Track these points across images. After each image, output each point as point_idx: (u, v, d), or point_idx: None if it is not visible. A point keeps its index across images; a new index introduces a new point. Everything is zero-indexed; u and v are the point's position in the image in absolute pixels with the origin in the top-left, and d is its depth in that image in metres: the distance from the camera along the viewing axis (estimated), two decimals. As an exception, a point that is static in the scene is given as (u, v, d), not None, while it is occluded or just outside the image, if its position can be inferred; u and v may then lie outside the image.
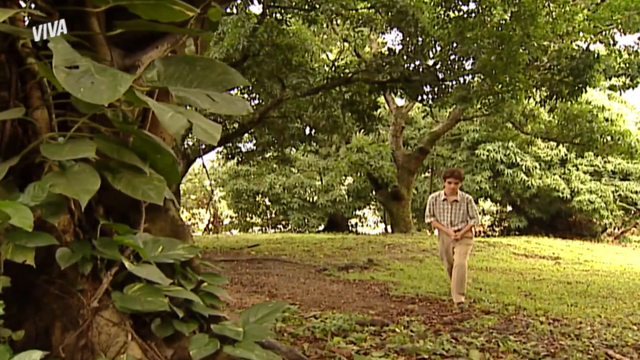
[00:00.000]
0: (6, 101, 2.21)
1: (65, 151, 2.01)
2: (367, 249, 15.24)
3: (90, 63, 1.95)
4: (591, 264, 13.28)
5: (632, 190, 21.34)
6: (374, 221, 35.53)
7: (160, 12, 2.30)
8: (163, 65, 2.48)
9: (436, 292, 7.86)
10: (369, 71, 12.82)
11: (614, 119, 19.09)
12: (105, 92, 1.86)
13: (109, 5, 2.29)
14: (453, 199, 7.09)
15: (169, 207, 2.71)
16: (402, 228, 20.65)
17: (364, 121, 13.86)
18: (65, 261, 2.11)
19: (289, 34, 12.53)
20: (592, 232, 21.79)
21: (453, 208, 7.09)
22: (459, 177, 7.10)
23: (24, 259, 1.97)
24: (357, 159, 20.37)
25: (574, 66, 11.06)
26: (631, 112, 28.23)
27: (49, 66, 2.15)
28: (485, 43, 8.86)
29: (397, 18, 11.54)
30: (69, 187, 1.99)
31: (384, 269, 10.93)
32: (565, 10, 10.95)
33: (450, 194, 7.10)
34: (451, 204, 7.10)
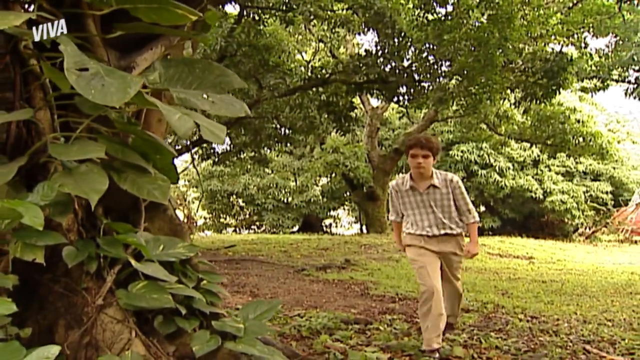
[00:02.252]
0: (11, 102, 2.25)
1: (73, 151, 2.07)
2: (344, 249, 15.37)
3: (99, 66, 2.02)
4: (564, 263, 13.61)
5: (603, 191, 21.91)
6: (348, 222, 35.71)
7: (162, 16, 2.36)
8: (163, 68, 2.55)
9: (415, 291, 8.01)
10: (346, 72, 12.95)
11: (584, 120, 19.56)
12: (115, 94, 1.92)
13: (111, 8, 2.35)
14: (427, 185, 4.27)
15: (166, 206, 2.77)
16: (378, 228, 20.85)
17: (340, 122, 13.98)
18: (72, 259, 2.17)
19: (266, 34, 12.59)
20: (564, 232, 22.27)
21: (428, 200, 4.31)
22: (428, 147, 4.18)
23: (34, 257, 2.02)
24: (332, 160, 20.50)
25: (548, 68, 11.34)
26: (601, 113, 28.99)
27: (54, 67, 2.22)
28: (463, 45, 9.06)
29: (375, 19, 11.68)
30: (78, 186, 2.04)
31: (361, 269, 11.06)
32: (539, 14, 11.24)
33: (419, 177, 4.28)
34: (424, 193, 4.30)
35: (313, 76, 13.12)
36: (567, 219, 21.95)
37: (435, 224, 4.36)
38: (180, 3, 2.40)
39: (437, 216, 4.34)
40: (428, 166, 4.23)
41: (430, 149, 4.19)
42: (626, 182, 22.80)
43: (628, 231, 19.45)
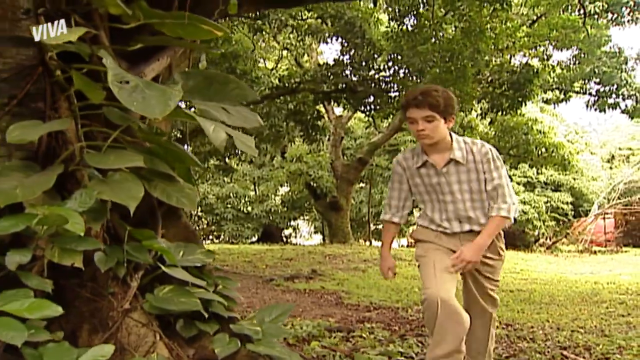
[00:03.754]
0: (42, 112, 2.38)
1: (110, 160, 2.22)
2: (308, 260, 15.56)
3: (138, 79, 2.18)
4: (528, 273, 14.11)
5: (563, 201, 22.75)
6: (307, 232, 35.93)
7: (188, 31, 2.54)
8: (183, 80, 2.72)
9: (387, 300, 8.28)
10: (314, 81, 13.22)
11: (546, 131, 20.33)
12: (156, 106, 2.09)
13: (139, 22, 2.51)
14: (445, 160, 3.11)
15: (181, 213, 2.93)
16: (341, 238, 21.12)
17: (308, 131, 14.23)
18: (104, 265, 2.31)
19: (232, 41, 12.75)
20: (525, 242, 22.98)
21: (447, 183, 3.14)
22: (430, 105, 2.98)
23: (72, 262, 2.16)
24: (295, 169, 20.73)
25: (514, 80, 11.85)
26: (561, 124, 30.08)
27: (84, 78, 2.37)
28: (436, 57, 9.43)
29: (344, 29, 12.01)
30: (115, 194, 2.19)
31: (329, 279, 11.28)
32: (507, 26, 11.74)
33: (432, 149, 3.13)
34: (442, 172, 3.13)
35: (281, 85, 13.34)
36: (528, 229, 22.68)
37: (456, 216, 3.13)
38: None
39: (458, 206, 3.11)
40: (435, 133, 2.98)
41: (433, 106, 2.92)
42: (586, 192, 23.75)
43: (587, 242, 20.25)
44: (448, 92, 3.08)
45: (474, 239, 3.11)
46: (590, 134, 33.60)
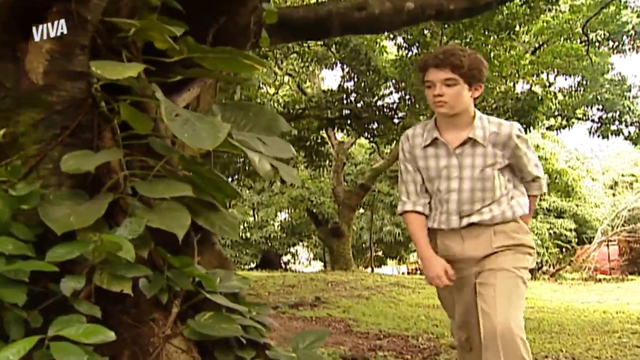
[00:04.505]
0: (90, 142, 2.50)
1: (159, 190, 2.33)
2: (311, 287, 15.58)
3: (188, 112, 2.30)
4: (534, 301, 14.15)
5: (567, 228, 22.88)
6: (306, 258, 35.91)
7: (230, 65, 2.67)
8: (221, 111, 2.84)
9: (397, 328, 8.33)
10: (319, 107, 13.41)
11: (547, 157, 20.54)
12: (207, 138, 2.21)
13: (182, 56, 2.64)
14: (462, 139, 2.63)
15: (214, 240, 3.03)
16: (343, 265, 21.14)
17: (312, 157, 14.38)
18: (149, 291, 2.40)
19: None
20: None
21: (459, 167, 2.66)
22: (452, 66, 2.52)
23: (122, 289, 2.25)
24: (297, 195, 20.84)
25: (519, 107, 12.05)
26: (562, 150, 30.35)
27: (132, 109, 2.49)
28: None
29: (350, 56, 12.25)
30: (163, 222, 2.30)
31: (333, 306, 11.31)
32: (511, 54, 11.98)
33: (447, 124, 2.65)
34: (455, 153, 2.66)
35: (285, 111, 13.52)
36: (532, 257, 22.72)
37: (458, 209, 2.63)
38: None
39: (463, 196, 2.61)
40: (456, 101, 2.50)
41: (456, 67, 2.46)
42: (589, 219, 23.89)
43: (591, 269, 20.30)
44: (477, 54, 2.61)
45: (478, 234, 2.65)
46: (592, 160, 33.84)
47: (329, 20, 4.16)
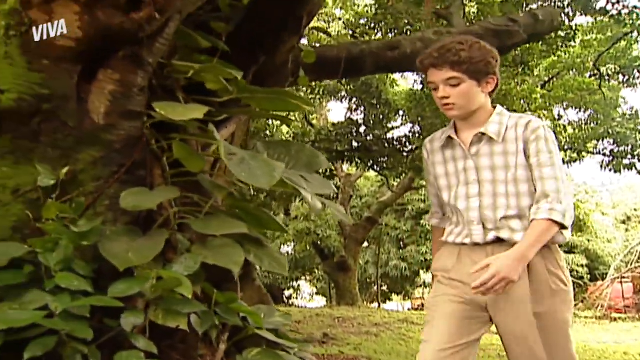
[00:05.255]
0: (143, 179, 2.62)
1: (214, 227, 2.44)
2: (317, 323, 15.50)
3: (242, 152, 2.43)
4: (548, 339, 14.05)
5: (578, 264, 22.83)
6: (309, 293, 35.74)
7: (277, 105, 2.81)
8: (265, 149, 2.97)
9: (410, 366, 8.35)
10: (329, 140, 13.57)
11: (557, 192, 20.59)
12: (262, 177, 2.33)
13: (231, 96, 2.78)
14: (478, 136, 2.26)
15: (255, 276, 3.13)
16: (349, 300, 21.06)
17: (321, 189, 14.48)
18: (201, 327, 2.49)
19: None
20: (539, 307, 22.91)
21: (475, 168, 2.27)
22: (453, 64, 2.18)
23: (177, 324, 2.35)
24: (303, 228, 20.87)
25: (531, 142, 12.17)
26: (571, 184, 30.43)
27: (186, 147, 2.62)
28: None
29: (361, 89, 12.46)
30: (218, 259, 2.41)
31: (342, 343, 11.27)
32: (522, 89, 12.18)
33: (465, 123, 2.30)
34: (471, 154, 2.28)
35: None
36: (543, 293, 22.63)
37: (480, 218, 2.24)
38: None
39: (485, 203, 2.24)
40: (463, 100, 2.22)
41: (455, 63, 2.19)
42: (601, 255, 23.84)
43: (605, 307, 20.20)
44: (481, 43, 2.25)
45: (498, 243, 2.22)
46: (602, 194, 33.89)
47: (362, 59, 4.31)
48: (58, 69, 2.31)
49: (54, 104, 2.35)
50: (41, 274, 2.26)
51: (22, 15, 2.20)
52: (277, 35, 3.37)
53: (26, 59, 2.26)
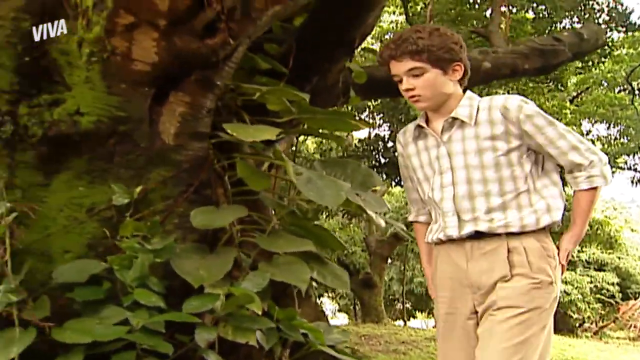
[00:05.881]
0: (209, 198, 2.72)
1: (280, 244, 2.53)
2: (344, 341, 15.51)
3: (309, 171, 2.53)
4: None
5: (609, 282, 22.51)
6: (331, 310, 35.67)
7: (337, 126, 2.91)
8: (322, 167, 3.06)
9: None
10: (356, 156, 13.67)
11: (585, 208, 20.40)
12: (330, 196, 2.42)
13: (292, 117, 2.88)
14: (449, 122, 2.15)
15: (310, 293, 3.21)
16: (374, 318, 20.98)
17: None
18: (267, 343, 2.57)
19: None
20: (568, 327, 22.63)
21: (448, 156, 2.15)
22: (412, 53, 2.07)
23: (247, 340, 2.43)
24: (328, 244, 20.91)
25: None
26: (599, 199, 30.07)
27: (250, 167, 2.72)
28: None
29: (389, 105, 12.58)
30: (285, 276, 2.49)
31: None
32: (553, 104, 12.19)
33: (436, 114, 2.20)
34: (442, 141, 2.16)
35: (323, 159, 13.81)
36: (572, 312, 22.38)
37: (455, 208, 2.10)
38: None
39: (459, 191, 2.10)
40: (429, 90, 2.10)
41: (415, 53, 2.07)
42: (633, 273, 23.48)
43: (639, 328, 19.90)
44: (442, 29, 2.15)
45: (487, 250, 2.05)
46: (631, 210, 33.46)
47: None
48: (134, 93, 2.43)
49: (128, 125, 2.46)
50: (116, 290, 2.37)
51: (104, 42, 2.32)
52: (330, 57, 3.47)
53: (106, 84, 2.38)
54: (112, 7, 2.27)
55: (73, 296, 2.27)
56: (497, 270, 2.02)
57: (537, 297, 1.99)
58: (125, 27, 2.32)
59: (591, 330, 21.52)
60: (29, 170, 2.40)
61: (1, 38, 2.29)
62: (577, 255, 23.88)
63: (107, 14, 2.28)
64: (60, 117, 2.36)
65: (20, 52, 2.32)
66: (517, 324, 1.95)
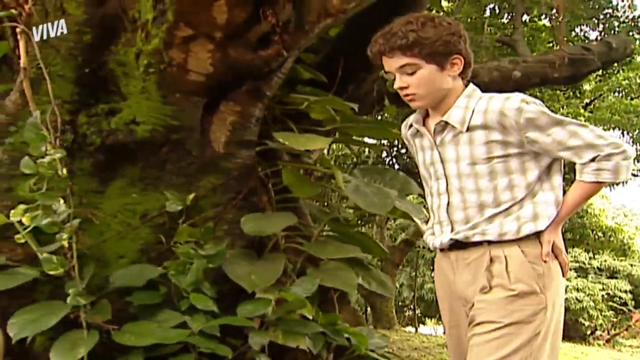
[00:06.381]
0: (255, 204, 2.79)
1: (329, 251, 2.60)
2: (356, 347, 15.53)
3: (356, 180, 2.59)
4: (593, 369, 13.88)
5: (621, 289, 22.44)
6: (340, 317, 35.65)
7: (377, 133, 2.98)
8: (362, 175, 3.13)
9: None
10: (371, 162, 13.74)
11: (597, 214, 20.43)
12: (378, 204, 2.49)
13: (334, 126, 2.95)
14: (442, 125, 1.92)
15: (349, 299, 3.27)
16: (385, 324, 20.98)
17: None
18: (315, 347, 2.63)
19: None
20: (580, 334, 22.56)
21: (444, 158, 1.94)
22: (402, 48, 1.84)
23: (297, 344, 2.49)
24: (339, 250, 20.95)
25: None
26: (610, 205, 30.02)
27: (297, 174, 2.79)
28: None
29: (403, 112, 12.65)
30: (334, 282, 2.56)
31: (386, 368, 11.33)
32: (567, 111, 12.22)
33: (434, 111, 1.97)
34: (435, 143, 1.95)
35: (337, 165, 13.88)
36: (583, 320, 22.32)
37: (449, 217, 1.96)
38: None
39: (454, 200, 1.94)
40: (423, 88, 1.90)
41: (405, 47, 1.86)
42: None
43: (651, 334, 19.83)
44: (437, 19, 1.91)
45: (470, 260, 1.89)
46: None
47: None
48: (188, 102, 2.51)
49: (181, 134, 2.54)
50: (170, 294, 2.44)
51: (162, 54, 2.40)
52: (366, 66, 3.53)
53: (161, 93, 2.46)
54: (172, 20, 2.35)
55: (131, 300, 2.35)
56: (479, 282, 1.84)
57: (515, 311, 1.79)
58: (183, 40, 2.39)
59: (603, 338, 21.43)
60: (86, 177, 2.48)
61: (64, 50, 2.37)
62: (589, 262, 23.82)
63: (167, 27, 2.36)
64: (118, 126, 2.44)
65: (80, 64, 2.41)
66: (494, 339, 1.78)
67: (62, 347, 2.13)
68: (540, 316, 1.79)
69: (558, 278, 1.87)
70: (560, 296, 1.88)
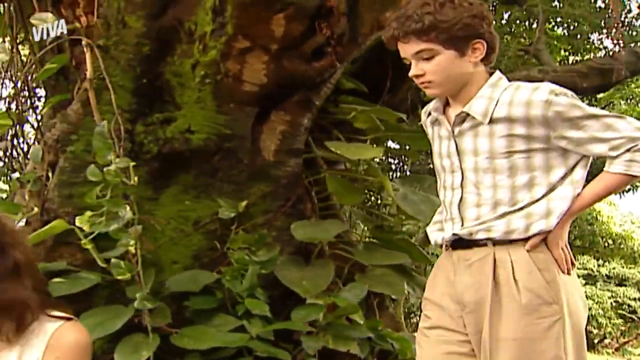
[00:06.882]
0: (302, 212, 2.86)
1: (378, 258, 2.66)
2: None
3: (405, 189, 2.66)
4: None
5: (631, 297, 22.36)
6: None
7: (416, 142, 3.04)
8: (402, 184, 3.19)
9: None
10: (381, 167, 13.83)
11: (605, 221, 20.40)
12: (426, 211, 2.56)
13: (377, 135, 3.01)
14: (462, 116, 1.75)
15: (388, 304, 3.33)
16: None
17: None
18: (362, 352, 2.69)
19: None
20: (588, 342, 22.44)
21: (461, 150, 1.77)
22: (418, 32, 1.66)
23: (348, 348, 2.55)
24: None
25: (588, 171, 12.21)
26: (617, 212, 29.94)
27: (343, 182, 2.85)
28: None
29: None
30: (382, 287, 2.63)
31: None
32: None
33: (455, 99, 1.80)
34: (454, 133, 1.78)
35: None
36: (592, 327, 22.27)
37: (461, 213, 1.79)
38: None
39: (468, 196, 1.78)
40: (440, 76, 1.74)
41: (421, 32, 1.69)
42: (655, 288, 23.33)
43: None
44: (456, 1, 1.70)
45: (473, 261, 1.73)
46: (649, 225, 33.17)
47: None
48: (241, 112, 2.58)
49: (233, 143, 2.61)
50: (224, 299, 2.50)
51: (219, 65, 2.47)
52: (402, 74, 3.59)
53: (216, 103, 2.53)
54: (231, 33, 2.42)
55: (189, 305, 2.41)
56: (482, 288, 1.68)
57: (524, 326, 1.63)
58: (240, 51, 2.46)
59: (612, 346, 21.39)
60: (141, 185, 2.53)
61: (124, 62, 2.44)
62: (598, 270, 23.78)
63: (226, 39, 2.43)
64: (173, 134, 2.51)
65: (138, 74, 2.48)
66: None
67: (125, 350, 2.20)
68: (558, 326, 1.61)
69: (572, 283, 1.71)
70: (575, 302, 1.67)
